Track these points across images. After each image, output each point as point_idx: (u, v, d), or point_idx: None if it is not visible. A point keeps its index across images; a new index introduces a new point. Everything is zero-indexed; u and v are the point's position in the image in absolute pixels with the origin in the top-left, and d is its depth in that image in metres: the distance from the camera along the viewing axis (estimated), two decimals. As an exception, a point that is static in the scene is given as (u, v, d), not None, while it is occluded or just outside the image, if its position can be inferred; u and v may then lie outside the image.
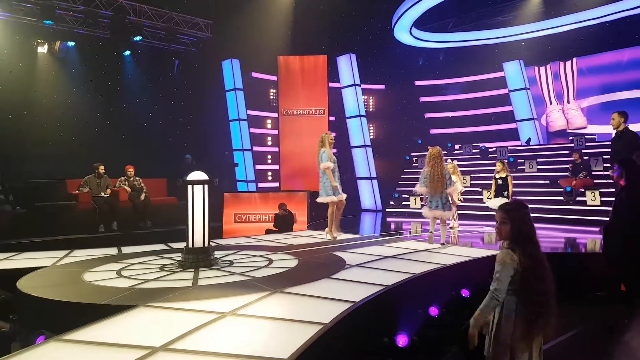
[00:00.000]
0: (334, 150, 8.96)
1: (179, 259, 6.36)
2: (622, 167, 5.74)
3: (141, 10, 14.20)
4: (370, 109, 18.75)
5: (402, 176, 16.39)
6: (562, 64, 17.08)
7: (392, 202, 14.87)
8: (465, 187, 12.18)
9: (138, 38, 14.30)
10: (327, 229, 8.60)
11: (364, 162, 16.40)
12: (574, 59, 16.82)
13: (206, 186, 6.25)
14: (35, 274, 5.71)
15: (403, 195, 14.71)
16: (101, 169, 10.64)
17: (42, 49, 13.30)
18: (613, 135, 7.19)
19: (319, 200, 8.44)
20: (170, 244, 8.19)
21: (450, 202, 8.00)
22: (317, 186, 8.52)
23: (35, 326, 4.28)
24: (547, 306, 2.88)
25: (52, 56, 13.55)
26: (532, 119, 17.25)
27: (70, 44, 13.72)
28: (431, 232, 7.86)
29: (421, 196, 8.19)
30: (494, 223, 3.13)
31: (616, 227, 5.78)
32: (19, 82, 12.92)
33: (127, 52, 14.70)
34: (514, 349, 2.90)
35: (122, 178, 11.00)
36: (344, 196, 8.52)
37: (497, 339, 2.97)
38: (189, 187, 6.19)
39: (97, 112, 14.03)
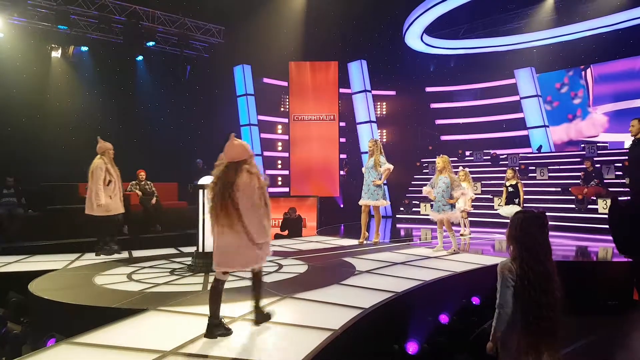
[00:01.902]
0: (344, 156, 9.05)
1: (189, 263, 6.39)
2: None
3: (154, 16, 14.34)
4: (381, 115, 18.73)
5: (413, 182, 16.34)
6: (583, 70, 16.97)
7: (402, 209, 14.82)
8: (476, 194, 12.11)
9: (151, 43, 14.42)
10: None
11: (374, 168, 16.36)
12: (590, 66, 16.69)
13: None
14: (46, 277, 5.77)
15: (413, 202, 14.65)
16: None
17: (56, 54, 13.43)
18: (631, 142, 7.11)
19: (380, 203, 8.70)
20: (180, 248, 8.24)
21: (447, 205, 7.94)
22: (327, 191, 8.60)
23: (46, 329, 4.31)
24: (549, 318, 2.82)
25: (65, 61, 13.69)
26: (544, 126, 17.14)
27: (84, 48, 13.86)
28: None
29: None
30: (505, 231, 3.10)
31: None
32: (33, 86, 13.08)
33: (140, 58, 14.82)
34: (520, 359, 2.87)
35: (134, 182, 11.07)
36: (368, 201, 8.67)
37: (504, 349, 2.94)
38: (200, 191, 6.22)
39: (109, 116, 14.14)
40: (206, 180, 6.32)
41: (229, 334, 3.79)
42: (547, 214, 3.03)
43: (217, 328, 3.76)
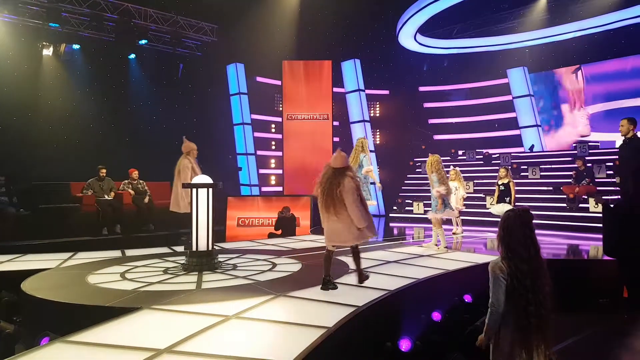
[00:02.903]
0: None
1: (182, 262, 6.39)
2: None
3: (147, 13, 14.27)
4: (374, 115, 18.76)
5: (405, 181, 16.39)
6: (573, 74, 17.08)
7: (395, 207, 14.86)
8: (468, 193, 12.17)
9: (143, 41, 14.36)
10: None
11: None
12: (581, 67, 16.81)
13: (210, 190, 6.28)
14: (39, 276, 5.74)
15: (406, 201, 14.70)
16: (102, 172, 10.68)
17: (48, 52, 13.33)
18: (621, 142, 7.19)
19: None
20: (173, 247, 8.23)
21: (438, 205, 8.07)
22: None
23: (40, 328, 4.30)
24: (539, 315, 2.85)
25: (57, 59, 13.59)
26: (536, 125, 17.25)
27: (76, 46, 13.75)
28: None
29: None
30: (497, 229, 3.13)
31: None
32: (24, 85, 12.95)
33: (132, 56, 14.76)
34: (512, 356, 2.90)
35: (126, 181, 11.03)
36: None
37: (497, 346, 2.98)
38: (194, 190, 6.22)
39: (101, 115, 14.08)
40: (200, 179, 6.33)
41: (335, 289, 5.07)
42: (539, 212, 3.07)
43: (328, 283, 5.09)
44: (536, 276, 2.89)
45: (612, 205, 7.26)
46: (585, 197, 11.54)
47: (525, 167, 14.30)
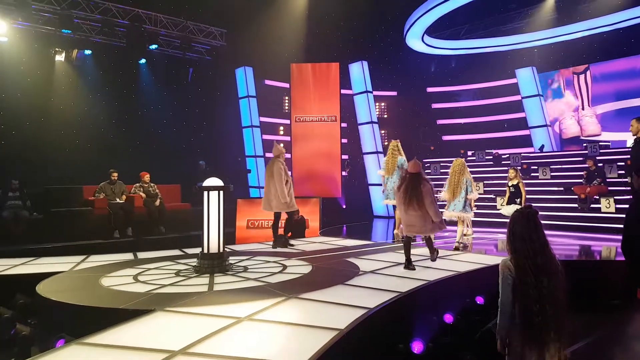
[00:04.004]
0: (346, 157, 9.27)
1: (194, 264, 6.43)
2: None
3: (157, 19, 14.40)
4: (382, 116, 18.76)
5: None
6: (575, 75, 16.99)
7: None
8: (478, 194, 12.13)
9: (154, 46, 14.49)
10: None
11: (375, 169, 16.38)
12: (589, 66, 16.72)
13: (221, 192, 6.33)
14: (53, 279, 5.81)
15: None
16: (114, 175, 10.79)
17: (60, 57, 13.50)
18: (633, 141, 7.15)
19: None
20: (184, 250, 8.28)
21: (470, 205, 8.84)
22: (329, 192, 8.80)
23: (55, 330, 4.36)
24: (544, 314, 2.83)
25: (69, 64, 13.75)
26: (546, 125, 17.16)
27: (87, 52, 13.91)
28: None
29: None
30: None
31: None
32: (36, 90, 13.13)
33: (143, 61, 14.89)
34: (524, 356, 2.90)
35: (138, 184, 11.13)
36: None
37: (510, 347, 2.97)
38: (205, 193, 6.26)
39: (112, 119, 14.23)
40: (211, 182, 6.38)
41: (413, 270, 6.30)
42: (550, 213, 3.07)
43: (409, 265, 6.38)
44: (542, 273, 2.87)
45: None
46: (597, 197, 11.47)
47: (536, 167, 14.22)
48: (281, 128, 17.65)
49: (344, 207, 15.29)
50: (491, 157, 15.86)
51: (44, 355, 3.51)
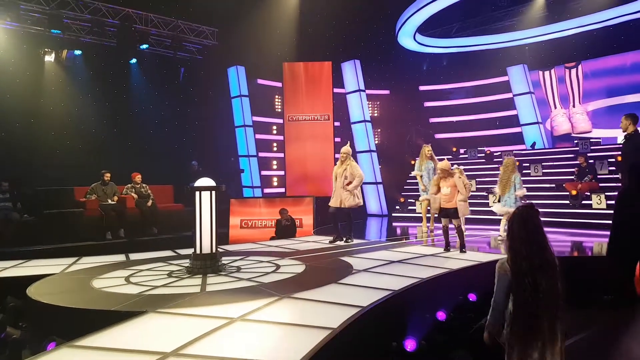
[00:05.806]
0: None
1: (186, 265, 6.41)
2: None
3: (147, 18, 14.33)
4: (375, 114, 18.78)
5: (407, 180, 16.38)
6: (567, 69, 17.07)
7: (397, 207, 14.88)
8: (471, 191, 12.15)
9: (144, 46, 14.41)
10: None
11: (369, 167, 16.41)
12: (580, 63, 16.81)
13: (214, 192, 6.30)
14: (44, 281, 5.77)
15: (408, 200, 14.71)
16: (107, 176, 10.73)
17: (49, 58, 13.40)
18: (623, 138, 7.20)
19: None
20: (177, 251, 8.25)
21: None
22: (322, 191, 8.85)
23: (46, 333, 4.32)
24: (538, 315, 2.82)
25: (59, 65, 13.65)
26: (537, 122, 17.24)
27: (77, 52, 13.81)
28: None
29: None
30: (499, 227, 3.15)
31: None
32: (26, 91, 13.02)
33: (134, 60, 14.81)
34: (521, 356, 2.89)
35: (129, 185, 11.07)
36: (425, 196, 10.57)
37: (509, 346, 2.97)
38: (197, 193, 6.24)
39: (103, 119, 14.13)
40: (203, 182, 6.35)
41: (448, 251, 7.64)
42: (542, 210, 3.04)
43: (448, 246, 7.76)
44: (539, 274, 2.83)
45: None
46: (588, 193, 11.53)
47: (527, 164, 14.29)
48: (274, 127, 17.61)
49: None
50: (483, 154, 15.92)
51: (35, 358, 3.48)
